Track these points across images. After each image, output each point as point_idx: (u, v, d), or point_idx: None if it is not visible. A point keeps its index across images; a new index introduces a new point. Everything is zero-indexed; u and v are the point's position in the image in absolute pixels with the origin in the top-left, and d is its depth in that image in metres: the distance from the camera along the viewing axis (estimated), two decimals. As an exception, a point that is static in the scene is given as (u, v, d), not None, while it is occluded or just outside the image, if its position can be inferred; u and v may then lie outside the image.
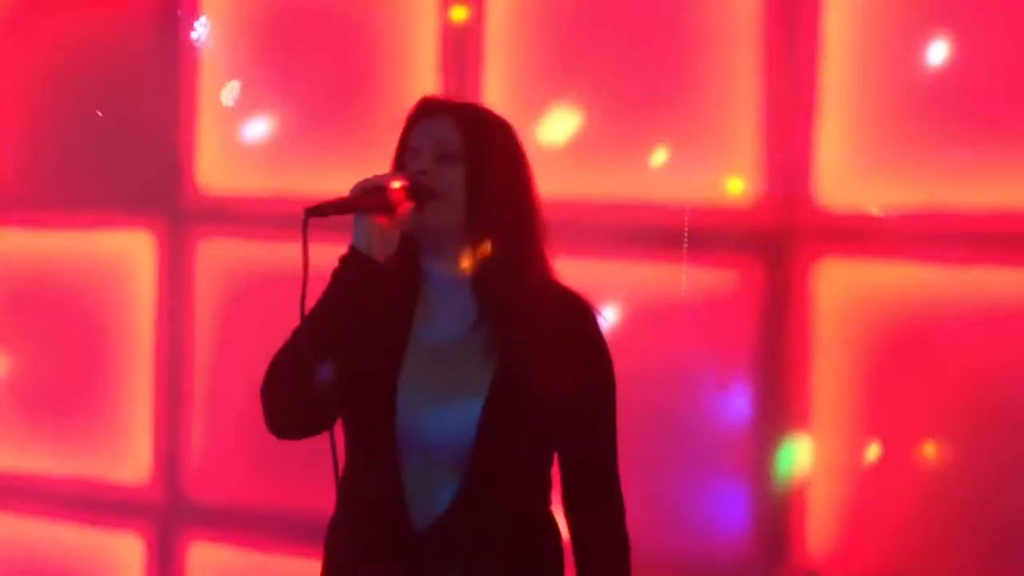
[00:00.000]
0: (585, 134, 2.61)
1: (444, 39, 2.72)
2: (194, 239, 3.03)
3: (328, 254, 1.65)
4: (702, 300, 2.51)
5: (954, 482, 2.37)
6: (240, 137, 2.95)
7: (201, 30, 2.98)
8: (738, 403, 2.49)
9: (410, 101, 1.82)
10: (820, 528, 2.46)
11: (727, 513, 2.50)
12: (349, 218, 1.66)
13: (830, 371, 2.45)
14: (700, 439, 2.51)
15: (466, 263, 1.76)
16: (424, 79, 2.69)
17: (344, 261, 1.69)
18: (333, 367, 1.66)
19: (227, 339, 2.96)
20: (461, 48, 2.70)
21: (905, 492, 2.40)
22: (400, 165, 1.80)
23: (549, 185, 2.18)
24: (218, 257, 3.00)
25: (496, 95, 2.62)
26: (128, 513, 3.08)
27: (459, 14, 2.70)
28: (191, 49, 3.02)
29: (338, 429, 1.72)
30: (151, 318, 3.08)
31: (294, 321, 1.62)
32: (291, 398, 1.71)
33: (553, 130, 2.60)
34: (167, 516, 3.06)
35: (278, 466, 2.76)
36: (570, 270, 2.02)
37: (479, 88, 2.67)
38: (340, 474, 1.73)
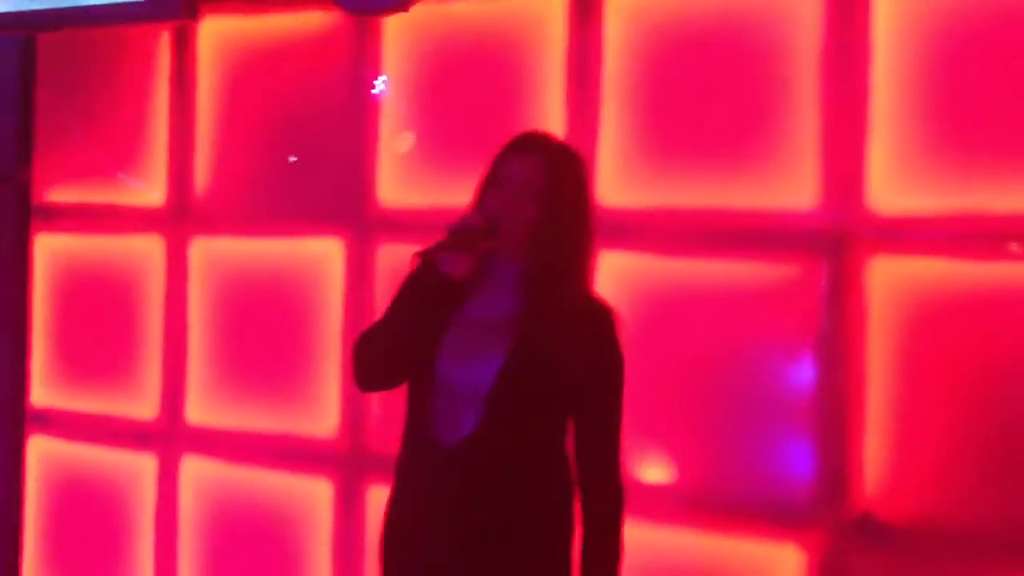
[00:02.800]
0: (679, 154, 2.96)
1: (569, 87, 3.13)
2: (375, 245, 3.41)
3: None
4: (775, 291, 2.85)
5: (985, 433, 2.64)
6: (412, 163, 3.34)
7: (380, 84, 3.41)
8: (804, 372, 2.81)
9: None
10: (874, 475, 2.75)
11: (794, 463, 2.82)
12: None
13: (881, 344, 2.74)
14: (774, 403, 2.84)
15: (520, 267, 2.10)
16: (554, 112, 3.12)
17: (425, 278, 2.04)
18: (414, 346, 2.06)
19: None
20: (584, 92, 3.11)
21: (943, 443, 2.68)
22: (489, 184, 2.11)
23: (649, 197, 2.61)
24: (393, 259, 3.28)
25: (609, 125, 3.06)
26: (320, 461, 3.46)
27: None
28: (373, 96, 3.38)
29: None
30: (340, 307, 3.43)
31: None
32: (378, 366, 2.13)
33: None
34: (351, 464, 3.42)
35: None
36: (663, 266, 2.44)
37: (597, 117, 3.09)
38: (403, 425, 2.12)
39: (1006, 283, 2.65)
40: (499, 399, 2.06)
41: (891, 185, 2.76)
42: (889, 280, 2.76)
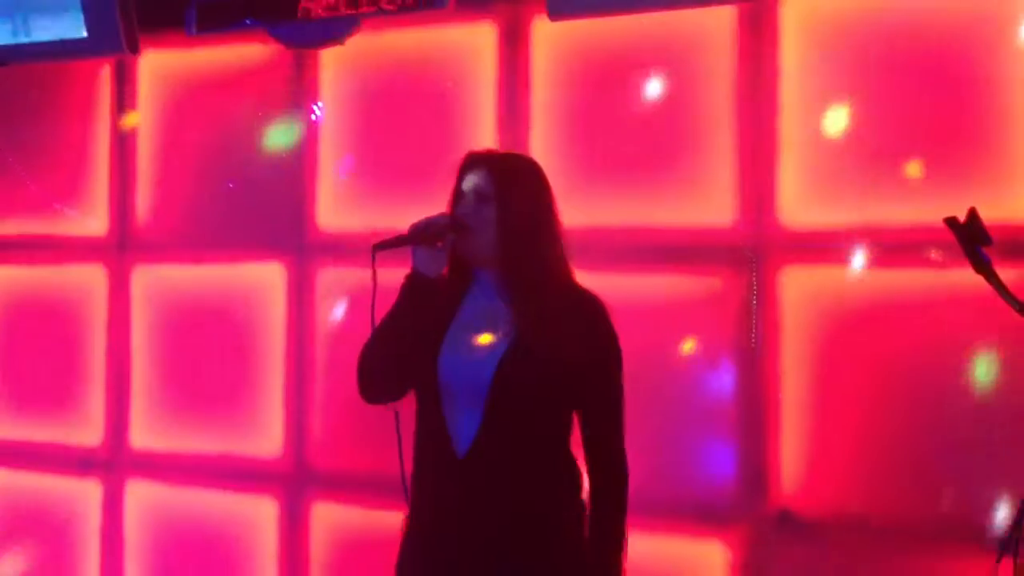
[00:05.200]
0: (610, 178, 3.11)
1: (499, 114, 3.26)
2: (315, 268, 3.50)
3: (395, 274, 2.19)
4: (695, 301, 3.01)
5: (891, 431, 2.81)
6: (350, 189, 3.43)
7: (318, 112, 3.50)
8: (724, 378, 2.96)
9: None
10: (791, 474, 2.91)
11: (716, 464, 2.96)
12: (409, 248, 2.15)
13: (794, 350, 2.91)
14: (695, 407, 2.99)
15: (497, 271, 2.18)
16: (485, 137, 3.24)
17: (408, 279, 2.16)
18: (404, 349, 2.13)
19: (339, 343, 3.38)
20: (514, 118, 3.25)
21: (854, 442, 2.84)
22: (453, 206, 2.21)
23: (576, 216, 2.76)
24: (334, 281, 3.44)
25: (538, 148, 3.19)
26: (264, 480, 3.53)
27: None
28: (312, 124, 3.50)
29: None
30: (283, 329, 3.53)
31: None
32: (376, 375, 2.18)
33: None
34: (295, 482, 3.50)
35: (380, 440, 3.25)
36: (592, 281, 2.58)
37: (527, 142, 3.22)
38: (413, 439, 2.16)
39: (907, 289, 2.85)
40: (498, 396, 2.09)
41: (799, 202, 2.95)
42: (800, 287, 2.94)
